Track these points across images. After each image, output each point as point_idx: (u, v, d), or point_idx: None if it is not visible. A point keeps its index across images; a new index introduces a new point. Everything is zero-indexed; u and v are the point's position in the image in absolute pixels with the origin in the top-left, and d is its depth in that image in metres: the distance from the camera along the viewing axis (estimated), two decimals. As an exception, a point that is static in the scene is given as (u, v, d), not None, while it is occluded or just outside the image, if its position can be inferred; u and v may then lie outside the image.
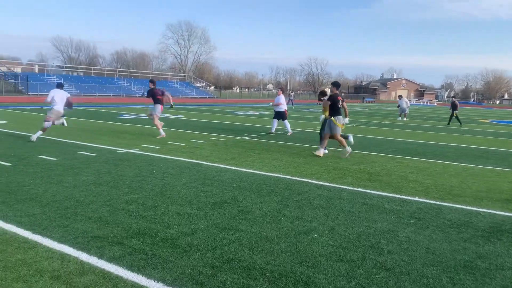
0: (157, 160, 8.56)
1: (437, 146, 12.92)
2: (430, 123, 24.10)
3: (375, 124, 21.60)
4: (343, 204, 5.82)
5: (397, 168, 8.77)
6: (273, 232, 4.56)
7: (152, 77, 69.82)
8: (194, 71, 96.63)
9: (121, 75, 64.10)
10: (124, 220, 4.75)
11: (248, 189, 6.41)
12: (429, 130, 19.29)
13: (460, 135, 17.06)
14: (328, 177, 7.56)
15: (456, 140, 14.90)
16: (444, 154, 11.25)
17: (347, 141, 10.45)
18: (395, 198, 6.32)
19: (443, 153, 11.35)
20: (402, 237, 4.59)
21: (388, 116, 29.78)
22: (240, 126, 16.85)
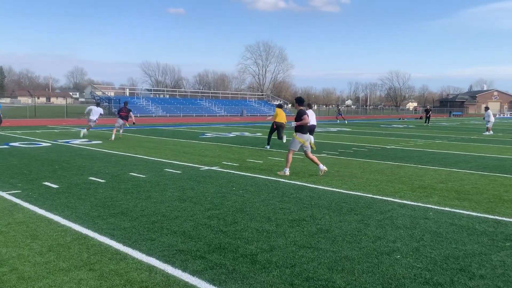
0: (237, 177, 8.79)
1: (537, 163, 11.76)
2: (528, 138, 22.03)
3: (463, 139, 20.23)
4: (429, 224, 5.51)
5: (489, 187, 8.13)
6: (353, 251, 4.45)
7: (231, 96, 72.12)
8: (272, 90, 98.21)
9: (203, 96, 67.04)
10: (206, 235, 4.94)
11: (327, 207, 6.33)
12: (526, 145, 17.63)
13: None
14: (412, 196, 7.22)
15: (559, 156, 13.45)
16: (546, 171, 10.21)
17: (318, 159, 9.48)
18: (488, 218, 5.85)
19: (544, 171, 10.30)
20: (496, 261, 4.23)
21: (477, 130, 27.74)
22: (317, 144, 16.72)
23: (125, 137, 18.49)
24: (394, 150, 14.53)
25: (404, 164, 11.02)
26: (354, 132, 24.23)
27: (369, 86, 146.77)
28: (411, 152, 14.12)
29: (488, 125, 24.70)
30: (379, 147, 15.41)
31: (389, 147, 15.50)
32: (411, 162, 11.43)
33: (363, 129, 27.54)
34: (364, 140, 18.46)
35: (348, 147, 15.16)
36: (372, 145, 16.26)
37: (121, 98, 52.38)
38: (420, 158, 12.33)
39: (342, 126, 31.28)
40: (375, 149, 14.86)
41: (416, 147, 15.85)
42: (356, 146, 15.56)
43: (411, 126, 32.78)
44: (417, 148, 15.30)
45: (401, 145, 16.37)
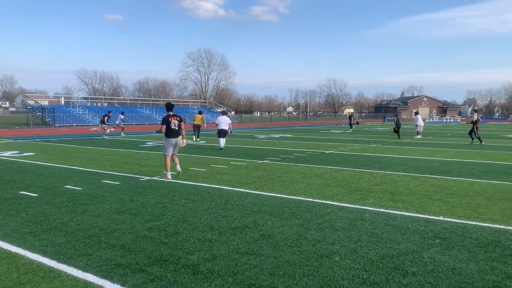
0: (179, 186, 8.66)
1: (462, 164, 12.66)
2: (454, 140, 23.66)
3: (397, 143, 21.33)
4: (365, 226, 5.75)
5: (420, 187, 8.62)
6: (294, 255, 4.53)
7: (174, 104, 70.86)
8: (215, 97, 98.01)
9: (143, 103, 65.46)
10: (147, 247, 4.81)
11: (269, 213, 6.40)
12: (452, 147, 18.92)
13: (484, 151, 16.68)
14: (350, 199, 7.49)
15: (480, 157, 14.57)
16: (469, 171, 11.01)
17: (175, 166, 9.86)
18: (419, 218, 6.20)
19: (468, 171, 11.10)
20: (426, 258, 4.49)
21: (409, 134, 29.36)
22: (261, 150, 16.91)
23: (60, 148, 17.61)
24: (333, 155, 15.01)
25: (342, 168, 11.42)
26: (296, 138, 24.76)
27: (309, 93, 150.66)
28: (349, 156, 14.67)
29: (418, 129, 26.21)
30: (318, 152, 15.85)
31: (328, 152, 16.00)
32: (348, 166, 11.86)
33: (304, 135, 28.22)
34: (304, 146, 18.92)
35: (290, 153, 15.45)
36: (312, 150, 16.70)
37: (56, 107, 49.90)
38: (357, 162, 12.84)
39: (285, 132, 31.84)
40: (315, 154, 15.27)
41: (353, 151, 16.48)
42: (297, 152, 15.90)
43: (348, 131, 34.07)
44: (354, 153, 15.92)
45: (339, 150, 16.95)
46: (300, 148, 17.61)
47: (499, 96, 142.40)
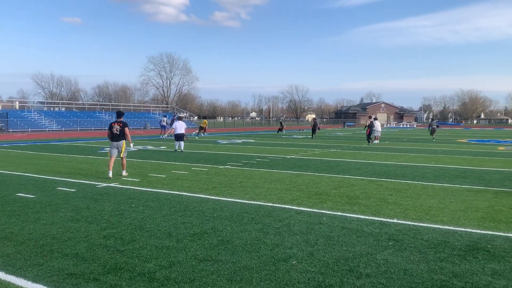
0: (137, 193, 8.50)
1: (416, 168, 13.14)
2: (409, 145, 24.50)
3: (355, 148, 21.87)
4: (323, 229, 5.85)
5: (376, 191, 8.88)
6: (252, 261, 4.56)
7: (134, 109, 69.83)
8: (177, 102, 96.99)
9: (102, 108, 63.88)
10: (101, 255, 4.69)
11: (229, 219, 6.40)
12: (408, 152, 19.60)
13: (438, 156, 17.39)
14: (308, 203, 7.61)
15: (434, 161, 15.18)
16: (423, 175, 11.44)
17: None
18: (374, 220, 6.39)
19: (422, 174, 11.54)
20: (380, 260, 4.63)
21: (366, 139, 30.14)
22: (223, 155, 16.89)
23: (13, 155, 16.88)
24: (294, 160, 15.20)
25: (302, 173, 11.58)
26: (258, 143, 24.88)
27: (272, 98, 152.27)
28: (309, 161, 14.90)
29: (375, 134, 26.96)
30: (280, 157, 16.01)
31: (289, 157, 16.19)
32: (308, 171, 12.05)
33: (266, 140, 28.41)
34: (266, 151, 19.05)
35: (252, 158, 15.52)
36: (274, 155, 16.85)
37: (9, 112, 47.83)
38: (316, 167, 13.06)
39: (248, 137, 31.92)
40: (276, 159, 15.41)
41: (313, 156, 16.76)
42: (259, 157, 15.99)
43: (309, 136, 34.60)
44: (314, 157, 16.19)
45: (300, 155, 17.18)
46: (262, 153, 17.72)
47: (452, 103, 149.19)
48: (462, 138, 33.84)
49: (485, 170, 12.73)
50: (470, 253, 4.88)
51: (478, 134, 43.67)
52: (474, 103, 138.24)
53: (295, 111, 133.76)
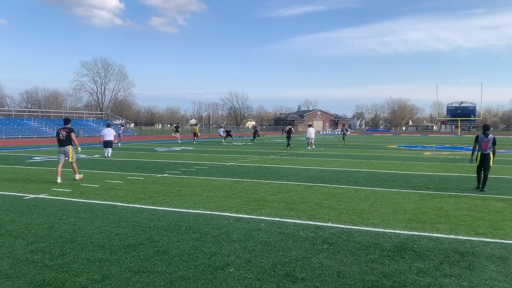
0: (68, 204, 8.09)
1: (350, 173, 13.69)
2: (344, 151, 25.47)
3: (293, 154, 22.35)
4: (261, 235, 5.92)
5: (312, 196, 9.14)
6: (189, 270, 4.50)
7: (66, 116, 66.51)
8: (112, 109, 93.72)
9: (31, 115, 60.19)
10: (28, 271, 4.40)
11: (166, 228, 6.28)
12: (342, 157, 20.37)
13: (370, 161, 18.25)
14: (247, 209, 7.66)
15: (366, 166, 15.91)
16: (356, 179, 11.95)
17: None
18: (310, 225, 6.56)
19: (355, 179, 12.04)
20: (315, 263, 4.76)
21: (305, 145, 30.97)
22: (160, 163, 16.53)
23: None
24: (233, 167, 15.24)
25: (242, 180, 11.64)
26: (198, 151, 24.66)
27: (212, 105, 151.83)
28: (248, 168, 15.01)
29: (310, 140, 27.87)
30: (219, 165, 15.98)
31: (229, 164, 16.20)
32: (248, 177, 12.14)
33: (206, 147, 28.23)
34: (206, 158, 18.93)
35: (191, 166, 15.35)
36: (214, 162, 16.79)
37: None
38: (256, 173, 13.19)
39: (187, 145, 31.52)
40: (216, 166, 15.36)
41: (253, 163, 16.90)
42: (198, 165, 15.85)
43: (249, 143, 34.89)
44: (253, 164, 16.34)
45: (239, 162, 17.26)
46: (201, 161, 17.58)
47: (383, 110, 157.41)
48: (392, 144, 35.76)
49: (412, 174, 13.54)
50: (398, 254, 5.16)
51: (406, 140, 46.37)
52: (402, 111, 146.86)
53: (235, 118, 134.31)
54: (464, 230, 6.34)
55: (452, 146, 33.36)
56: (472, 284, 4.19)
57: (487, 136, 10.65)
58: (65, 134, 11.35)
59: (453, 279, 4.33)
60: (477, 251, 5.32)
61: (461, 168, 15.38)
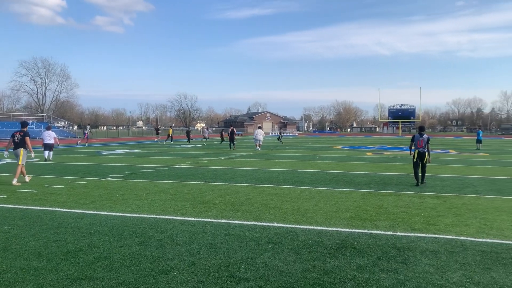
0: (2, 211, 7.63)
1: (296, 173, 13.95)
2: (291, 152, 25.92)
3: (242, 156, 22.44)
4: (206, 238, 5.89)
5: (259, 197, 9.22)
6: (131, 275, 4.39)
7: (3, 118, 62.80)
8: (54, 110, 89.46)
9: (-38, 117, 56.09)
10: (-47, 285, 4.11)
11: (108, 234, 6.09)
12: (290, 158, 20.72)
13: (316, 162, 18.71)
14: (193, 212, 7.59)
15: (312, 167, 16.29)
16: (302, 180, 12.20)
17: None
18: (256, 225, 6.62)
19: (301, 179, 12.29)
20: (259, 263, 4.81)
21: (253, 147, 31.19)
22: (104, 167, 16.00)
23: None
24: (181, 169, 15.05)
25: (189, 182, 11.53)
26: (144, 154, 24.11)
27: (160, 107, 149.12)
28: (196, 170, 14.89)
29: (258, 142, 28.15)
30: (167, 167, 15.72)
31: (177, 167, 15.99)
32: (195, 180, 12.04)
33: (153, 150, 27.65)
34: (152, 161, 18.56)
35: (137, 169, 14.98)
36: (161, 165, 16.49)
37: None
38: (204, 175, 13.11)
39: (133, 147, 30.71)
40: (163, 169, 15.10)
41: (201, 165, 16.79)
42: (144, 168, 15.50)
43: (198, 145, 34.61)
44: (202, 166, 16.23)
45: (187, 164, 17.08)
46: (147, 164, 17.21)
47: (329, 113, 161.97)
48: (337, 145, 36.86)
49: (355, 173, 14.04)
50: (339, 251, 5.33)
51: (350, 141, 47.98)
52: (347, 113, 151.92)
53: (184, 120, 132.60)
54: (402, 227, 6.66)
55: (393, 146, 34.93)
56: (406, 278, 4.41)
57: (422, 136, 11.61)
58: (19, 137, 11.47)
59: (390, 273, 4.54)
60: (413, 246, 5.60)
61: (401, 168, 16.15)
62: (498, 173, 14.36)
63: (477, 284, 4.25)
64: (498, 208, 8.22)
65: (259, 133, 28.47)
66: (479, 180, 12.38)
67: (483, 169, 15.79)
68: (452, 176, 13.35)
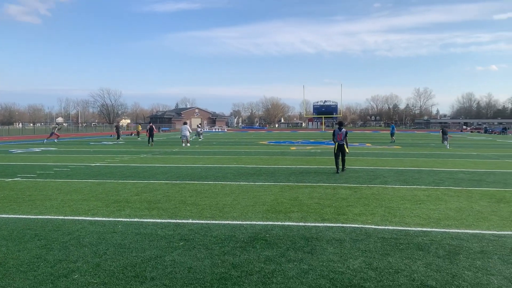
0: None
1: (220, 169, 13.95)
2: (217, 148, 25.89)
3: (166, 152, 21.99)
4: (115, 238, 5.68)
5: (178, 194, 9.08)
6: (26, 281, 4.11)
7: None
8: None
9: None
10: None
11: (6, 238, 5.65)
12: (215, 154, 20.68)
13: (240, 157, 18.85)
14: (105, 212, 7.29)
15: (236, 162, 16.39)
16: (224, 175, 12.22)
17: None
18: (170, 223, 6.51)
19: (223, 175, 12.30)
20: (168, 262, 4.73)
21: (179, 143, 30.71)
22: (13, 166, 14.85)
23: None
24: (98, 168, 14.39)
25: (105, 181, 11.05)
26: (61, 152, 22.73)
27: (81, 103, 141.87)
28: (115, 168, 14.33)
29: (185, 138, 27.85)
30: (83, 166, 14.95)
31: (94, 165, 15.26)
32: (113, 178, 11.57)
33: (71, 148, 26.16)
34: (69, 159, 17.55)
35: (49, 168, 14.08)
36: (77, 163, 15.65)
37: None
38: (122, 173, 12.65)
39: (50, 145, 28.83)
40: (79, 167, 14.34)
41: (121, 163, 16.18)
42: (58, 166, 14.61)
43: (120, 142, 33.37)
44: (121, 164, 15.64)
45: (106, 162, 16.37)
46: (63, 162, 16.24)
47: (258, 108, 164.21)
48: (264, 140, 37.46)
49: (277, 168, 14.34)
50: (250, 244, 5.40)
51: (277, 137, 48.99)
52: (275, 109, 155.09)
53: (108, 116, 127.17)
54: (313, 217, 6.91)
55: (316, 141, 36.23)
56: (311, 267, 4.58)
57: (341, 130, 13.15)
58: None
59: (295, 263, 4.68)
60: (321, 236, 5.84)
61: (320, 161, 16.79)
62: (407, 165, 15.45)
63: (374, 270, 4.53)
64: (402, 197, 8.83)
65: (185, 128, 28.15)
66: (389, 171, 13.24)
67: (394, 161, 16.90)
68: (365, 168, 14.13)
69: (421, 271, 4.49)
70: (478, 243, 5.53)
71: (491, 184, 10.72)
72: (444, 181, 11.06)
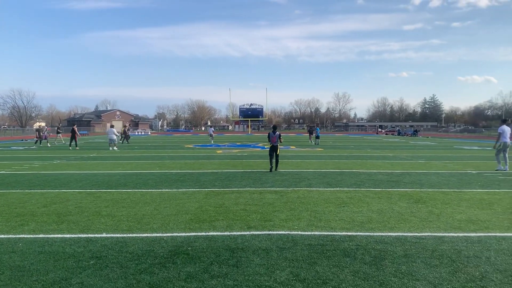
0: None
1: (140, 175, 13.19)
2: (139, 153, 24.76)
3: (82, 158, 20.55)
4: (14, 259, 4.96)
5: (92, 204, 8.34)
6: None
7: None
8: None
9: None
10: None
11: None
12: (136, 159, 19.68)
13: (164, 162, 18.12)
14: (5, 228, 6.43)
15: (159, 167, 15.67)
16: (145, 182, 11.54)
17: None
18: (81, 238, 5.86)
19: (144, 181, 11.62)
20: (75, 285, 4.17)
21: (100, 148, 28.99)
22: None
23: None
24: (2, 176, 12.94)
25: (7, 191, 9.90)
26: (-42, 158, 20.29)
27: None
28: (22, 176, 12.98)
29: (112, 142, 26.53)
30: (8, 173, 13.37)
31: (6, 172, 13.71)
32: (18, 188, 10.42)
33: (-28, 154, 23.51)
34: (-33, 167, 15.64)
35: None
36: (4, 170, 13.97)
37: None
38: (30, 182, 11.45)
39: None
40: None
41: (30, 170, 14.73)
42: (-47, 176, 12.91)
43: (32, 147, 30.77)
44: (30, 172, 14.23)
45: (13, 169, 14.83)
46: (-41, 171, 14.40)
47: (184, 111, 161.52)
48: (190, 144, 36.69)
49: (203, 172, 13.91)
50: (170, 259, 4.97)
51: (203, 140, 48.31)
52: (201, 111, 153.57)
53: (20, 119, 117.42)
54: (239, 225, 6.62)
55: (242, 144, 36.21)
56: (236, 283, 4.28)
57: (275, 133, 14.78)
58: None
59: (220, 279, 4.35)
60: (247, 245, 5.56)
61: (246, 164, 16.62)
62: (329, 167, 15.80)
63: (302, 281, 4.34)
64: (327, 200, 8.87)
65: (111, 132, 26.81)
66: (313, 174, 13.40)
67: (317, 163, 17.22)
68: (290, 171, 14.19)
69: (349, 280, 4.38)
70: (401, 246, 5.59)
71: (408, 184, 11.22)
72: (365, 183, 11.38)
